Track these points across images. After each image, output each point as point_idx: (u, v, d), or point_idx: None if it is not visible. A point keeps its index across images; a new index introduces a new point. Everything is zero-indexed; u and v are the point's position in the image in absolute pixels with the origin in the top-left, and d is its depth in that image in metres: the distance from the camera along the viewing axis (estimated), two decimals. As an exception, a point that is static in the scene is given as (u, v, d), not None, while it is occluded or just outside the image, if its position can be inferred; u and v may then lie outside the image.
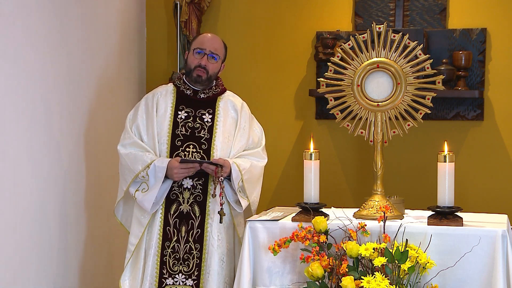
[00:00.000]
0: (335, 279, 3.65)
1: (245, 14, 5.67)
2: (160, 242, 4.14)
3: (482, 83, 5.29)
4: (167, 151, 4.15)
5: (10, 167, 3.99)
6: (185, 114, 4.23)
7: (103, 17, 5.05)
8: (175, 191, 4.16)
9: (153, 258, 4.14)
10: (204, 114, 4.24)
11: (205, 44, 4.23)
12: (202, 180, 4.16)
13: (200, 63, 4.20)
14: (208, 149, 4.17)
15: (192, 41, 4.33)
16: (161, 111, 4.23)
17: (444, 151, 3.84)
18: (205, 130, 4.21)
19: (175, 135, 4.18)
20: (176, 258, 4.14)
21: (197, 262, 4.14)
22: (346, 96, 4.06)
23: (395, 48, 3.98)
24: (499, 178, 5.30)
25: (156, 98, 4.26)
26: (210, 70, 4.22)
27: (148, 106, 4.25)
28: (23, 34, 4.12)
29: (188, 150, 4.17)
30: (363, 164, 5.43)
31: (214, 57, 4.23)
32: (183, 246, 4.14)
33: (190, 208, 4.15)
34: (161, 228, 4.15)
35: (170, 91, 4.29)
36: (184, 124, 4.21)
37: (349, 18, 5.51)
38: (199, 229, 4.14)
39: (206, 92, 4.27)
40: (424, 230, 3.73)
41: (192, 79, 4.24)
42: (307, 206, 3.91)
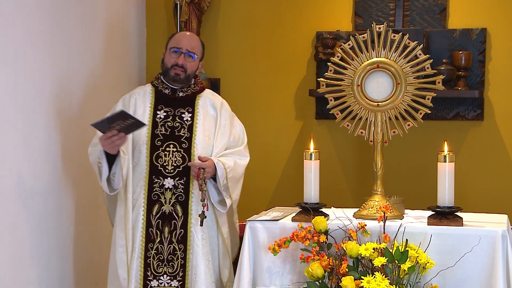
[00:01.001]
0: (335, 279, 3.65)
1: (245, 14, 5.67)
2: (143, 244, 4.10)
3: (482, 83, 5.29)
4: (146, 151, 4.11)
5: (8, 165, 3.99)
6: (164, 114, 4.18)
7: (103, 17, 5.05)
8: (156, 192, 4.11)
9: (136, 260, 4.10)
10: (183, 113, 4.19)
11: (182, 43, 4.18)
12: (184, 180, 4.12)
13: (177, 62, 4.15)
14: (189, 148, 4.13)
15: (168, 40, 4.27)
16: (139, 112, 4.17)
17: (444, 151, 3.84)
18: (185, 129, 4.16)
19: (154, 135, 4.13)
20: (160, 260, 4.10)
21: (182, 263, 4.10)
22: (346, 96, 4.06)
23: (395, 48, 3.98)
24: (499, 178, 5.30)
25: (134, 99, 4.21)
26: (188, 69, 4.17)
27: (125, 107, 4.19)
28: (23, 34, 4.11)
29: (168, 150, 4.12)
30: (363, 164, 5.43)
31: (191, 55, 4.18)
32: (166, 247, 4.11)
33: (172, 208, 4.11)
34: (144, 229, 4.11)
35: (148, 91, 4.24)
36: (164, 123, 4.16)
37: (349, 18, 5.51)
38: (182, 229, 4.10)
39: (185, 91, 4.22)
40: (424, 230, 3.73)
41: (170, 78, 4.19)
42: (307, 206, 3.91)
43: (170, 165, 4.12)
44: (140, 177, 4.13)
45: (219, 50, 5.71)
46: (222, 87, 5.70)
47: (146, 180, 4.12)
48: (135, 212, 4.12)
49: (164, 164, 4.12)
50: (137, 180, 4.13)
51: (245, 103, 5.66)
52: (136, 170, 4.13)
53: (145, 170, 4.12)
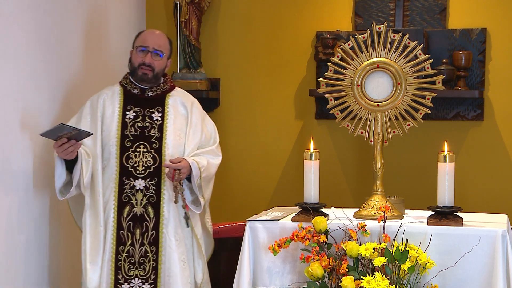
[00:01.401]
0: (335, 279, 3.65)
1: (245, 14, 5.67)
2: (114, 247, 4.02)
3: (482, 83, 5.29)
4: (116, 152, 4.05)
5: (3, 164, 3.96)
6: (134, 114, 4.10)
7: (103, 17, 5.04)
8: (127, 193, 4.04)
9: (107, 263, 4.02)
10: (153, 113, 4.11)
11: (148, 41, 4.10)
12: (155, 180, 4.05)
13: (144, 61, 4.07)
14: (160, 148, 4.06)
15: (135, 39, 4.17)
16: (108, 113, 4.10)
17: (444, 151, 3.84)
18: (155, 129, 4.08)
19: (124, 136, 4.06)
20: (132, 262, 4.03)
21: (154, 265, 4.04)
22: (346, 96, 4.06)
23: (395, 48, 3.98)
24: (499, 178, 5.30)
25: (102, 100, 4.13)
26: (155, 67, 4.09)
27: (94, 108, 4.12)
28: (23, 34, 4.12)
29: (138, 151, 4.05)
30: (363, 164, 5.43)
31: (158, 54, 4.09)
32: (138, 249, 4.03)
33: (143, 210, 4.04)
34: (114, 232, 4.03)
35: (117, 91, 4.16)
36: (133, 124, 4.08)
37: (349, 18, 5.51)
38: (154, 231, 4.04)
39: (154, 90, 4.14)
40: (424, 230, 3.73)
41: (137, 77, 4.11)
42: (307, 206, 3.91)
43: (141, 166, 4.04)
44: (110, 179, 4.05)
45: (219, 50, 5.71)
46: (222, 87, 5.71)
47: (116, 181, 4.04)
48: (105, 214, 4.04)
49: (134, 165, 4.04)
50: (107, 182, 4.05)
51: (245, 103, 5.66)
52: (106, 171, 4.06)
53: (115, 171, 4.05)
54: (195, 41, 5.58)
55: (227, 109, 5.70)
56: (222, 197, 5.66)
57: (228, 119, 5.69)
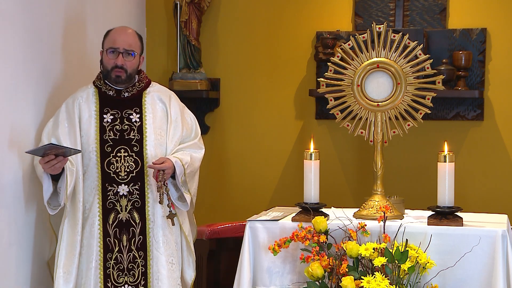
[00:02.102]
0: (335, 279, 3.65)
1: (245, 14, 5.67)
2: (101, 255, 3.93)
3: (482, 83, 5.29)
4: (97, 158, 3.93)
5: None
6: (111, 117, 3.97)
7: (103, 17, 5.04)
8: (111, 200, 3.93)
9: (94, 272, 3.92)
10: (131, 114, 3.99)
11: (118, 42, 3.93)
12: (139, 185, 3.94)
13: (116, 64, 3.93)
14: (141, 150, 3.95)
15: (104, 39, 4.01)
16: (85, 117, 3.97)
17: (444, 151, 3.84)
18: (134, 131, 3.97)
19: (103, 140, 3.93)
20: (120, 269, 3.94)
21: (143, 271, 3.95)
22: (346, 96, 4.06)
23: (395, 48, 3.98)
24: (499, 178, 5.30)
25: (78, 103, 3.99)
26: (128, 68, 3.94)
27: (70, 112, 3.99)
28: (22, 34, 4.11)
29: (119, 155, 3.93)
30: (363, 164, 5.43)
31: (130, 53, 3.94)
32: (126, 255, 3.94)
33: (129, 215, 3.94)
34: (101, 239, 3.93)
35: (92, 93, 4.02)
36: (112, 127, 3.96)
37: (349, 18, 5.51)
38: (141, 236, 3.95)
39: (130, 90, 4.01)
40: (424, 230, 3.73)
41: (112, 80, 3.97)
42: (307, 206, 3.91)
43: (123, 171, 3.93)
44: (92, 186, 3.94)
45: (219, 50, 5.71)
46: (222, 87, 5.70)
47: (99, 188, 3.93)
48: (89, 222, 3.94)
49: (116, 171, 3.93)
50: (89, 189, 3.94)
51: (245, 103, 5.66)
52: (86, 179, 3.95)
53: (97, 178, 3.94)
54: (195, 41, 5.58)
55: (227, 109, 5.70)
56: (222, 197, 5.67)
57: (228, 119, 5.69)
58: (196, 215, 4.41)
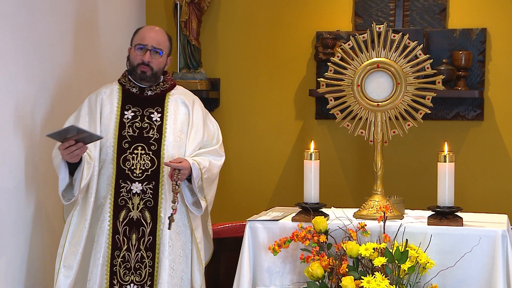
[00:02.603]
0: (335, 279, 3.65)
1: (245, 14, 5.67)
2: (109, 252, 3.89)
3: (482, 83, 5.29)
4: (113, 154, 3.90)
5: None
6: (132, 114, 3.96)
7: (103, 17, 5.05)
8: (123, 197, 3.90)
9: (101, 268, 3.88)
10: (152, 113, 3.97)
11: (147, 39, 3.93)
12: (153, 184, 3.90)
13: (143, 60, 3.92)
14: (158, 149, 3.91)
15: (133, 36, 4.01)
16: (106, 112, 3.96)
17: (444, 151, 3.84)
18: (154, 129, 3.94)
19: (121, 136, 3.91)
20: (127, 268, 3.90)
21: (150, 271, 3.91)
22: (346, 96, 4.06)
23: (395, 48, 3.98)
24: (499, 178, 5.30)
25: (100, 98, 3.99)
26: (154, 66, 3.94)
27: (92, 107, 3.98)
28: (23, 34, 4.11)
29: (136, 152, 3.90)
30: (363, 164, 5.43)
31: (157, 51, 3.94)
32: (134, 254, 3.90)
33: (140, 214, 3.90)
34: (110, 236, 3.89)
35: (115, 90, 4.01)
36: (131, 124, 3.94)
37: (349, 18, 5.51)
38: (150, 236, 3.90)
39: (154, 89, 4.00)
40: (424, 230, 3.73)
41: (136, 76, 3.96)
42: (307, 206, 3.91)
43: (138, 168, 3.90)
44: (107, 181, 3.91)
45: (219, 50, 5.71)
46: (222, 87, 5.70)
47: (112, 184, 3.90)
48: (100, 217, 3.91)
49: (131, 168, 3.90)
50: (104, 185, 3.91)
51: (245, 103, 5.66)
52: (101, 173, 3.92)
53: (112, 174, 3.90)
54: (195, 41, 5.58)
55: (227, 109, 5.70)
56: (222, 197, 5.65)
57: (228, 119, 5.69)
58: (196, 215, 4.41)
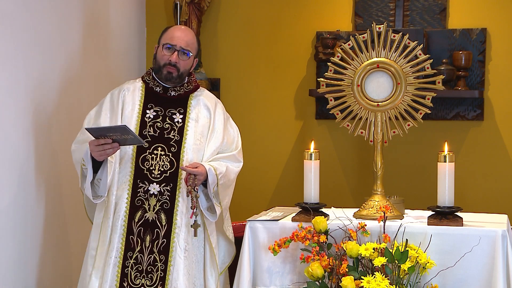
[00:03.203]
0: (335, 279, 3.65)
1: (245, 14, 5.67)
2: (122, 252, 3.80)
3: (482, 83, 5.29)
4: (133, 153, 3.83)
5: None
6: (154, 113, 3.89)
7: (103, 17, 5.05)
8: (140, 197, 3.82)
9: (113, 268, 3.80)
10: (174, 114, 3.90)
11: (175, 39, 3.87)
12: (170, 186, 3.83)
13: (170, 60, 3.85)
14: (178, 152, 3.84)
15: (162, 34, 3.95)
16: (128, 109, 3.89)
17: (444, 151, 3.84)
18: (175, 131, 3.88)
19: (142, 135, 3.83)
20: (139, 270, 3.80)
21: (161, 275, 3.81)
22: (346, 96, 4.06)
23: (395, 48, 3.98)
24: (499, 178, 5.30)
25: (123, 95, 3.91)
26: (181, 67, 3.87)
27: (114, 102, 3.91)
28: (23, 34, 4.11)
29: (156, 153, 3.83)
30: (363, 164, 5.43)
31: (185, 53, 3.87)
32: (146, 257, 3.81)
33: (156, 216, 3.82)
34: (124, 236, 3.81)
35: (139, 87, 3.95)
36: (153, 124, 3.88)
37: (349, 18, 5.51)
38: (165, 239, 3.81)
39: (178, 90, 3.93)
40: (424, 230, 3.73)
41: (162, 76, 3.90)
42: (307, 206, 3.91)
43: (157, 169, 3.83)
44: (124, 180, 3.84)
45: (219, 50, 5.71)
46: (222, 87, 5.71)
47: (130, 184, 3.83)
48: (115, 217, 3.83)
49: (150, 168, 3.83)
50: (121, 184, 3.84)
51: (245, 103, 5.67)
52: (120, 172, 3.85)
53: (130, 173, 3.84)
54: (195, 41, 5.58)
55: (227, 109, 5.65)
56: (222, 197, 5.67)
57: (228, 119, 5.68)
58: (196, 215, 4.41)
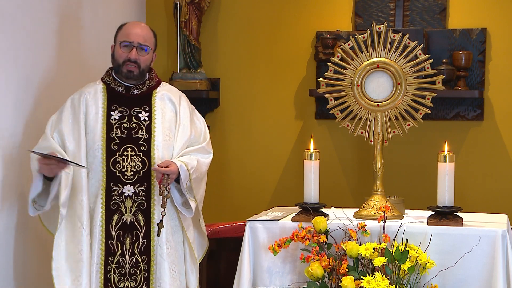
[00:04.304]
0: (335, 279, 3.65)
1: (245, 14, 5.67)
2: (102, 257, 3.78)
3: (482, 83, 5.29)
4: (102, 157, 3.79)
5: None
6: (119, 115, 3.84)
7: (103, 18, 5.05)
8: (115, 200, 3.80)
9: (95, 275, 3.78)
10: (140, 112, 3.86)
11: (132, 36, 3.83)
12: (145, 186, 3.81)
13: (129, 57, 3.81)
14: (148, 150, 3.81)
15: (117, 32, 3.90)
16: (92, 113, 3.83)
17: (444, 151, 3.84)
18: (142, 130, 3.84)
19: (110, 138, 3.79)
20: (122, 274, 3.80)
21: (145, 276, 3.81)
22: (346, 96, 4.06)
23: (395, 48, 3.98)
24: (499, 178, 5.30)
25: (84, 99, 3.85)
26: (141, 63, 3.84)
27: (75, 108, 3.85)
28: (23, 35, 4.11)
29: (126, 154, 3.80)
30: (363, 164, 5.43)
31: (143, 48, 3.84)
32: (128, 259, 3.80)
33: (133, 217, 3.80)
34: (103, 242, 3.78)
35: (100, 89, 3.89)
36: (119, 125, 3.83)
37: (349, 18, 5.51)
38: (145, 239, 3.80)
39: (140, 88, 3.89)
40: (424, 230, 3.73)
41: (122, 75, 3.85)
42: (307, 206, 3.91)
43: (129, 170, 3.79)
44: (97, 186, 3.80)
45: (219, 50, 5.71)
46: (222, 87, 5.71)
47: (103, 188, 3.79)
48: (92, 223, 3.79)
49: (122, 170, 3.79)
50: (93, 189, 3.79)
51: (245, 103, 5.66)
52: (91, 178, 3.79)
53: (102, 177, 3.79)
54: (195, 41, 5.58)
55: (227, 109, 5.70)
56: (222, 197, 5.67)
57: (228, 119, 5.69)
58: (196, 215, 4.40)
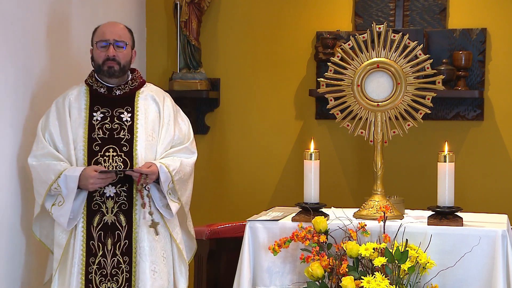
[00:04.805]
0: (335, 279, 3.65)
1: (245, 14, 5.67)
2: (83, 259, 3.77)
3: (482, 83, 5.29)
4: (84, 158, 3.78)
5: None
6: (101, 115, 3.85)
7: (103, 17, 5.04)
8: (96, 201, 3.79)
9: (76, 277, 3.76)
10: (122, 113, 3.86)
11: (107, 34, 3.85)
12: (126, 186, 3.80)
13: (107, 56, 3.83)
14: (130, 151, 3.81)
15: (93, 35, 3.93)
16: (74, 115, 3.85)
17: (444, 151, 3.84)
18: (125, 130, 3.83)
19: (91, 139, 3.80)
20: (103, 275, 3.78)
21: (127, 277, 3.79)
22: (346, 96, 4.06)
23: (395, 48, 3.98)
24: (499, 178, 5.30)
25: (68, 101, 3.87)
26: (121, 59, 3.84)
27: (60, 111, 3.87)
28: (23, 35, 4.11)
29: (107, 155, 3.80)
30: (363, 164, 5.43)
31: (121, 45, 3.86)
32: (110, 260, 3.78)
33: (115, 218, 3.78)
34: (84, 242, 3.77)
35: (83, 91, 3.91)
36: (101, 126, 3.83)
37: (349, 18, 5.51)
38: (126, 240, 3.78)
39: (122, 88, 3.90)
40: (424, 230, 3.74)
41: (104, 74, 3.86)
42: (307, 206, 3.91)
43: None
44: None
45: (219, 50, 5.71)
46: (222, 87, 5.70)
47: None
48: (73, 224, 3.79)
49: None
50: None
51: (245, 103, 5.66)
52: None
53: None
54: (195, 41, 5.58)
55: (227, 109, 5.70)
56: (222, 197, 5.67)
57: (228, 119, 5.69)
58: (196, 215, 4.41)
